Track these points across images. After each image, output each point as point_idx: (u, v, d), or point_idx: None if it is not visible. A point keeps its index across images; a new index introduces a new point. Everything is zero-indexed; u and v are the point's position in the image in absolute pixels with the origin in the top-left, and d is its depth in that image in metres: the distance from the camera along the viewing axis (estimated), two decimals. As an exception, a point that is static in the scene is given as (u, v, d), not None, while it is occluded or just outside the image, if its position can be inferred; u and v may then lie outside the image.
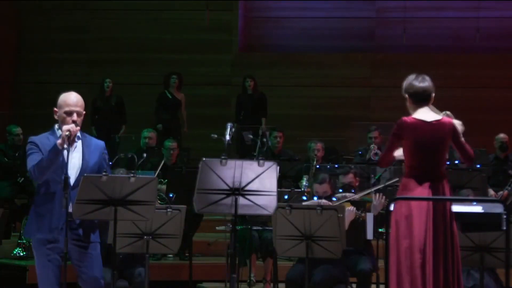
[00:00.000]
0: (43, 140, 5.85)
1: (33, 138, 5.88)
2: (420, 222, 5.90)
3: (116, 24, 15.73)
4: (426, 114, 6.09)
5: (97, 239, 5.92)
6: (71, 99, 5.89)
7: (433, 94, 6.16)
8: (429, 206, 5.91)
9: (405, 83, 6.20)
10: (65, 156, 5.72)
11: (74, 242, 5.83)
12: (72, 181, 5.74)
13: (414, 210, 5.91)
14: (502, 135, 11.91)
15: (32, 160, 5.77)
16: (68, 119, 5.83)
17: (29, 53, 15.78)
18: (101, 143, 6.06)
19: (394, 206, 5.95)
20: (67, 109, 5.86)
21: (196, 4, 15.45)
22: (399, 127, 6.06)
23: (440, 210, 5.93)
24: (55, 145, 5.70)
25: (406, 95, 6.17)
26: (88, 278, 5.88)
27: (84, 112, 5.95)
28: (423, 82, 6.13)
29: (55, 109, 5.92)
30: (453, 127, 6.09)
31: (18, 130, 11.28)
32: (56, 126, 5.94)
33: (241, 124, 13.38)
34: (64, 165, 5.71)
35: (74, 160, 5.85)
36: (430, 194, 5.95)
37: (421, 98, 6.10)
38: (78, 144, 5.91)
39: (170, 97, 13.66)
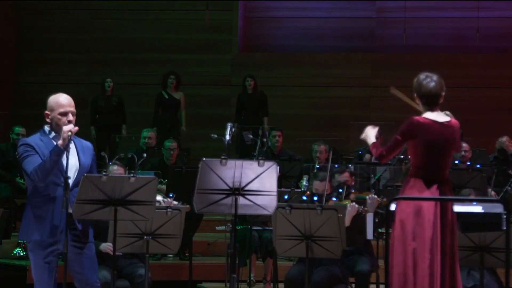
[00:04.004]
0: (36, 141, 5.80)
1: (26, 140, 5.84)
2: (430, 221, 5.88)
3: (116, 24, 15.74)
4: (436, 115, 6.04)
5: (92, 239, 5.93)
6: (65, 100, 5.87)
7: (443, 93, 6.12)
8: (437, 206, 5.89)
9: (415, 83, 6.13)
10: (66, 158, 5.72)
11: (73, 243, 5.81)
12: (71, 181, 5.71)
13: (423, 210, 5.88)
14: (503, 140, 11.79)
15: (30, 163, 5.71)
16: (64, 119, 5.79)
17: (29, 53, 15.78)
18: (90, 144, 6.07)
19: (397, 205, 5.93)
20: (61, 110, 5.82)
21: (196, 4, 15.45)
22: (411, 127, 5.98)
23: (446, 210, 5.91)
24: (57, 147, 5.68)
25: (415, 94, 6.12)
26: (83, 279, 5.87)
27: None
28: (434, 84, 6.05)
29: (47, 112, 5.88)
30: (460, 130, 6.10)
31: (20, 130, 11.25)
32: (46, 127, 5.89)
33: (242, 124, 13.37)
34: (64, 166, 5.71)
35: (71, 161, 5.80)
36: (438, 194, 5.92)
37: (430, 99, 6.05)
38: (72, 145, 5.86)
39: (167, 97, 13.63)
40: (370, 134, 6.26)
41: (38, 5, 15.79)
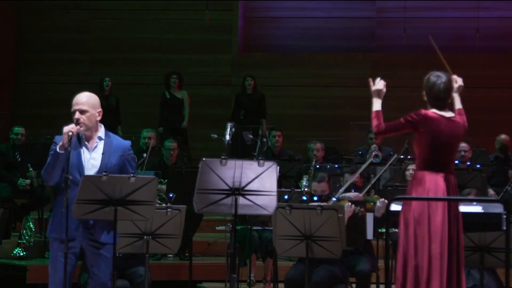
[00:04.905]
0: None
1: (56, 138, 5.84)
2: (439, 215, 5.89)
3: (116, 24, 15.74)
4: (443, 110, 6.08)
5: (111, 241, 5.86)
6: (75, 99, 5.90)
7: (452, 94, 6.15)
8: (445, 202, 5.91)
9: (425, 82, 6.15)
10: (82, 156, 5.79)
11: (89, 242, 5.84)
12: None
13: (432, 205, 5.90)
14: (503, 137, 11.85)
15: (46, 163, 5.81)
16: (74, 118, 5.83)
17: (29, 53, 15.79)
18: (125, 143, 6.02)
19: (408, 202, 5.94)
20: (72, 109, 5.87)
21: (196, 4, 15.46)
22: (417, 116, 6.01)
23: (452, 205, 5.94)
24: (55, 148, 5.71)
25: (424, 92, 6.14)
26: (96, 279, 5.89)
27: (95, 110, 5.90)
28: (443, 85, 6.08)
29: None
30: (465, 126, 6.15)
31: (20, 130, 11.21)
32: None
33: (241, 124, 13.37)
34: (79, 165, 5.77)
35: (93, 161, 5.85)
36: (445, 185, 5.94)
37: (438, 100, 6.08)
38: (100, 144, 5.90)
39: (169, 96, 13.64)
40: (378, 98, 6.23)
41: (38, 5, 15.80)
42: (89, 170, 5.81)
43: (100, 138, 5.92)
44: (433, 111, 6.06)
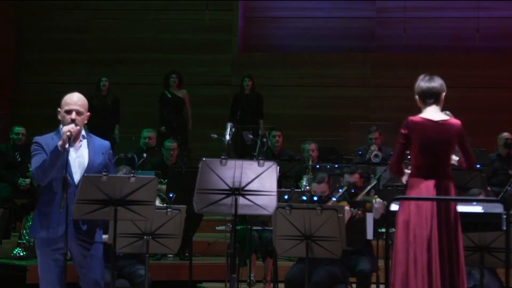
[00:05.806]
0: (47, 140, 5.84)
1: (37, 139, 5.87)
2: (427, 220, 5.90)
3: (116, 24, 15.74)
4: (433, 113, 6.08)
5: (100, 239, 5.90)
6: (71, 98, 5.91)
7: (443, 94, 6.15)
8: (433, 205, 5.91)
9: (415, 86, 6.18)
10: (66, 157, 5.71)
11: (78, 242, 5.82)
12: (76, 180, 5.77)
13: (422, 209, 5.91)
14: (505, 134, 11.83)
15: (35, 162, 5.76)
16: (68, 117, 5.82)
17: (29, 53, 15.78)
18: (106, 143, 6.05)
19: (400, 206, 5.96)
20: (66, 108, 5.86)
21: (196, 4, 15.45)
22: (406, 126, 6.04)
23: (443, 209, 5.92)
24: (56, 147, 5.69)
25: (416, 96, 6.17)
26: (88, 279, 5.87)
27: (87, 113, 5.94)
28: (429, 82, 6.12)
29: (58, 109, 5.94)
30: (460, 129, 6.09)
31: (20, 130, 11.21)
32: (61, 126, 5.92)
33: (239, 124, 13.36)
34: (66, 164, 5.71)
35: (80, 159, 5.85)
36: (435, 192, 5.94)
37: (427, 96, 6.09)
38: (83, 143, 5.91)
39: (170, 96, 13.64)
40: None
41: (38, 5, 15.79)
42: (76, 169, 5.81)
43: (83, 137, 5.94)
44: (419, 116, 6.07)
